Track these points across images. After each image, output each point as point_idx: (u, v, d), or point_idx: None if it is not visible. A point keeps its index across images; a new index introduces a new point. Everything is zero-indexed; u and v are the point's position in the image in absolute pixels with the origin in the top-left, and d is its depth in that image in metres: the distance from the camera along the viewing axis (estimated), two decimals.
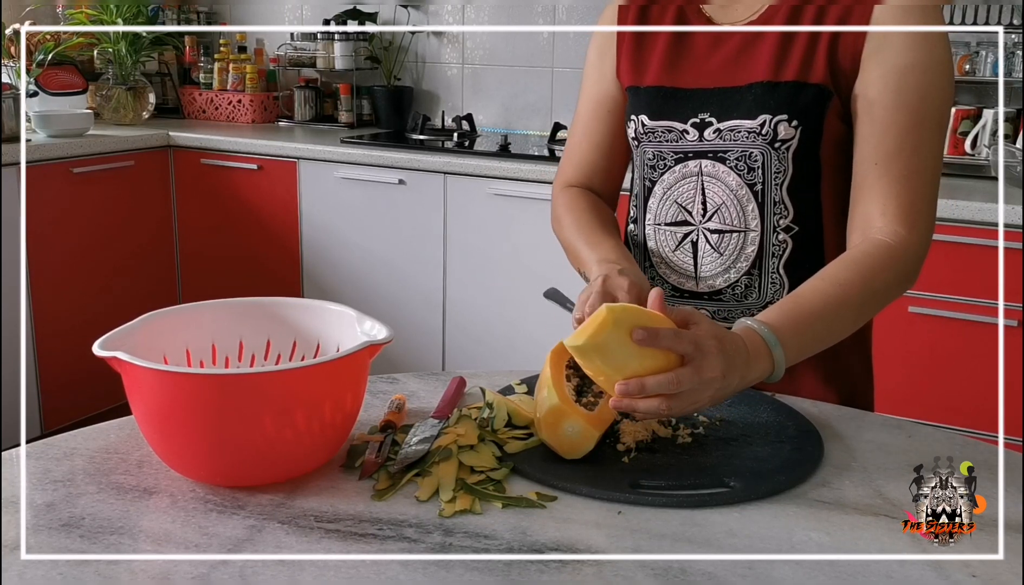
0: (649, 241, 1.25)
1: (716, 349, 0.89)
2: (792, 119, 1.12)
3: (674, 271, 1.22)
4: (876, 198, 1.09)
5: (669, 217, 1.22)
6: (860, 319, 1.08)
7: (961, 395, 2.33)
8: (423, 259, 2.99)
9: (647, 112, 1.22)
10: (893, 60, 1.08)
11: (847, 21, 1.11)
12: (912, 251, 1.08)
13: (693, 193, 1.19)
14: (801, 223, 1.16)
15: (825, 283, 1.04)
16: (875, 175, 1.09)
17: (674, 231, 1.21)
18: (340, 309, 1.02)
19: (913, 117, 1.08)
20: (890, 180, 1.08)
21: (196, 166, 3.30)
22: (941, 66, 1.09)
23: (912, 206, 1.08)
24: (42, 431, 2.99)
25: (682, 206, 1.20)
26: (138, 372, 0.85)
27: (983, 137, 2.56)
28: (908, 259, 1.08)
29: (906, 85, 1.08)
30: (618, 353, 0.87)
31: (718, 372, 0.88)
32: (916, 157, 1.08)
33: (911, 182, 1.08)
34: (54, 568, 0.75)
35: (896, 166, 1.08)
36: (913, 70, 1.08)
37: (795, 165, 1.14)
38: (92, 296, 3.11)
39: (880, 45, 1.09)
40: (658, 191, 1.23)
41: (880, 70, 1.09)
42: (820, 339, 1.03)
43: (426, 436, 0.97)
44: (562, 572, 0.76)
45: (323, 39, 3.57)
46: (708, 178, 1.17)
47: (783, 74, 1.13)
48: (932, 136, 1.10)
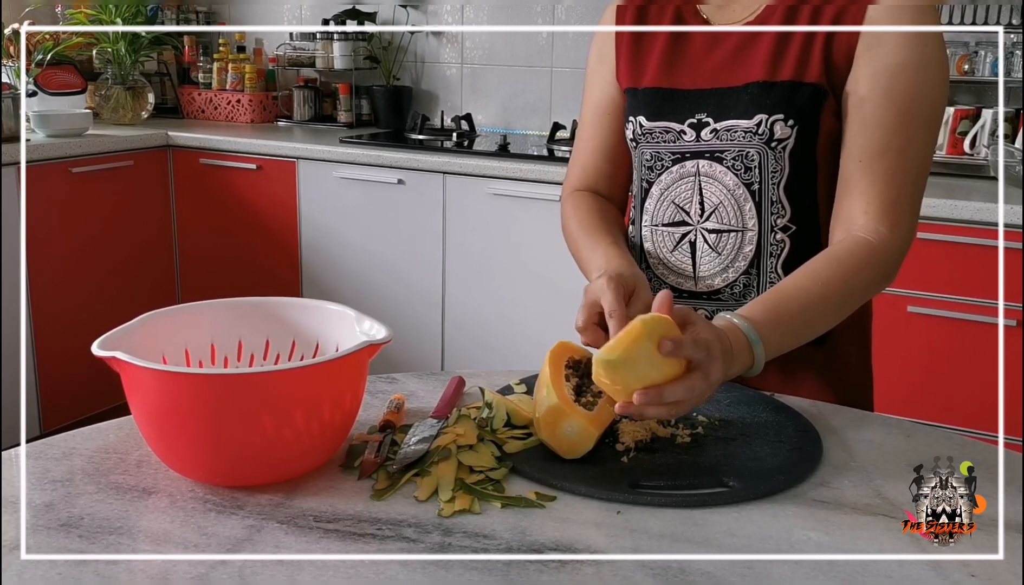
0: (646, 243, 1.25)
1: (719, 352, 0.91)
2: (788, 118, 1.12)
3: (672, 271, 1.22)
4: (859, 196, 1.10)
5: (667, 218, 1.22)
6: (838, 316, 1.09)
7: (960, 395, 2.33)
8: (422, 259, 2.99)
9: (645, 113, 1.22)
10: (885, 59, 1.09)
11: (842, 20, 1.11)
12: (893, 250, 1.09)
13: (690, 193, 1.19)
14: (798, 222, 1.17)
15: (808, 280, 1.06)
16: (860, 173, 1.10)
17: (672, 232, 1.21)
18: (339, 309, 1.02)
19: (902, 116, 1.08)
20: (874, 178, 1.09)
21: (195, 166, 3.30)
22: (934, 65, 1.09)
23: (895, 205, 1.09)
24: (41, 431, 2.99)
25: (680, 206, 1.20)
26: (137, 372, 0.85)
27: (982, 137, 2.57)
28: (888, 258, 1.09)
29: (897, 84, 1.08)
30: (644, 365, 0.88)
31: (721, 374, 0.91)
32: (902, 156, 1.09)
33: (895, 181, 1.09)
34: (53, 568, 0.75)
35: (881, 165, 1.09)
36: (904, 69, 1.08)
37: (792, 164, 1.15)
38: (91, 296, 3.11)
39: (872, 43, 1.09)
40: (655, 192, 1.23)
41: (871, 68, 1.09)
42: (799, 336, 1.05)
43: (425, 436, 0.97)
44: (561, 572, 0.76)
45: (322, 39, 3.57)
46: (705, 178, 1.18)
47: (779, 74, 1.13)
48: (920, 136, 1.10)
